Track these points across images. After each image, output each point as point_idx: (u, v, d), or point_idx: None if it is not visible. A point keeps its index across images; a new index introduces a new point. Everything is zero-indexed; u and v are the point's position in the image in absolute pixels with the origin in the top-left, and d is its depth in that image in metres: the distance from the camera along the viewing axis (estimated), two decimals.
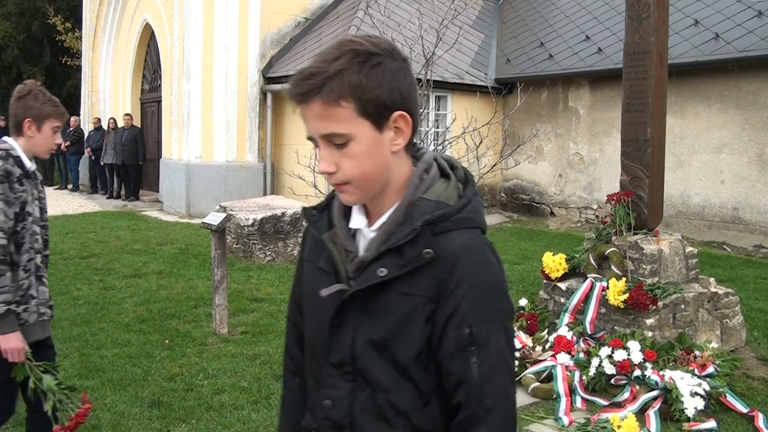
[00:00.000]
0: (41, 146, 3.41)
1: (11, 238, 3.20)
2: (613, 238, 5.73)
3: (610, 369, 4.93)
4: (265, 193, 14.65)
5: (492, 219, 14.92)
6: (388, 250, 1.55)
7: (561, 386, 4.89)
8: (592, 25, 14.57)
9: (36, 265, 3.37)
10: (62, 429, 3.19)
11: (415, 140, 1.72)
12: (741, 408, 4.63)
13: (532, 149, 14.79)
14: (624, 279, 5.37)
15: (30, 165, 3.35)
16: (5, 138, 3.38)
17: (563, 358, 5.20)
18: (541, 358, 5.32)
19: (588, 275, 5.74)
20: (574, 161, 14.23)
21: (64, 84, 27.33)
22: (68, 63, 25.14)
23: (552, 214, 14.68)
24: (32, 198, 3.35)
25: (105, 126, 18.19)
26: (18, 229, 3.24)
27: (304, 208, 1.78)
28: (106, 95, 20.12)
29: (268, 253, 9.36)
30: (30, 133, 3.36)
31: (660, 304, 5.25)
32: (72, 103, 25.73)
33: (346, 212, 1.68)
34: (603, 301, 5.49)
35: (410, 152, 1.70)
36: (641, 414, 4.50)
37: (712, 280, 5.90)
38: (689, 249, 5.82)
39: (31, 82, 3.52)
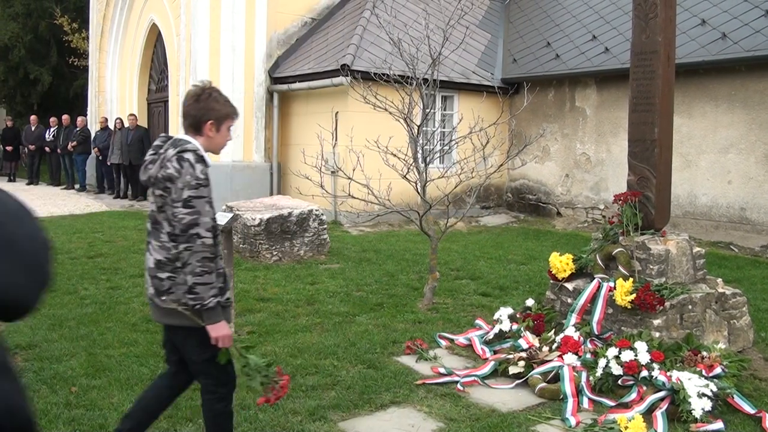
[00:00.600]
0: (217, 145, 3.55)
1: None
2: (620, 238, 5.72)
3: (617, 370, 4.92)
4: (271, 193, 14.67)
5: (498, 219, 14.91)
6: None
7: (568, 387, 4.89)
8: (598, 24, 14.54)
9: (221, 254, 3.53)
10: (266, 400, 3.62)
11: None
12: (748, 409, 4.61)
13: (539, 149, 14.77)
14: (631, 279, 5.35)
15: (210, 163, 3.45)
16: (187, 137, 3.47)
17: (570, 358, 5.19)
18: (548, 358, 5.31)
19: (595, 275, 5.73)
20: (581, 161, 14.20)
21: (71, 84, 27.40)
22: (75, 63, 25.18)
23: (559, 214, 14.66)
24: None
25: (112, 126, 18.22)
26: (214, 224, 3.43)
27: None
28: (113, 95, 20.17)
29: (274, 253, 9.36)
30: (210, 133, 3.48)
31: (667, 304, 5.23)
32: (79, 103, 25.79)
33: None
34: (610, 302, 5.48)
35: None
36: (648, 415, 4.49)
37: (719, 280, 5.89)
38: (696, 249, 5.81)
39: (206, 82, 3.60)
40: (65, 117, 20.19)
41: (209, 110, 3.46)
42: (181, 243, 3.30)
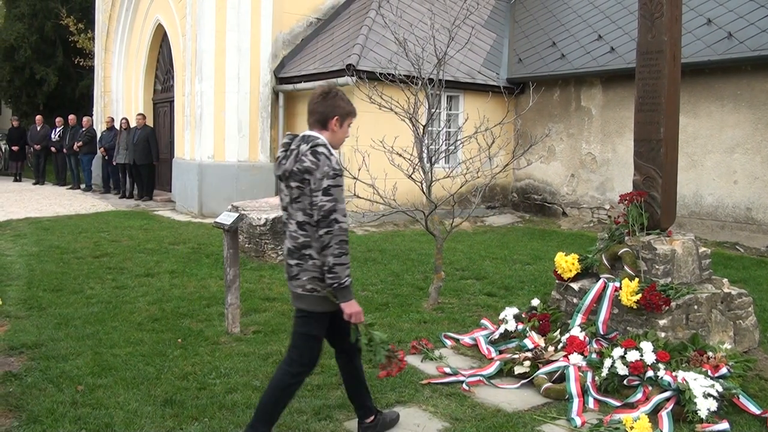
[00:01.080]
0: (339, 140, 3.91)
1: None
2: (626, 238, 5.71)
3: (622, 370, 4.92)
4: (276, 193, 14.67)
5: (504, 219, 14.90)
6: None
7: (573, 387, 4.88)
8: (604, 24, 14.52)
9: None
10: (388, 374, 4.11)
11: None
12: (754, 409, 4.61)
13: (544, 149, 14.76)
14: (637, 279, 5.35)
15: (337, 156, 3.80)
16: (314, 133, 3.83)
17: (576, 358, 5.19)
18: (553, 358, 5.31)
19: (601, 276, 5.72)
20: (587, 161, 14.19)
21: (77, 84, 27.47)
22: (81, 64, 25.26)
23: (564, 214, 14.64)
24: None
25: (117, 126, 18.26)
26: None
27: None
28: (119, 95, 20.22)
29: (280, 253, 9.37)
30: (335, 128, 3.88)
31: (673, 304, 5.23)
32: (85, 103, 25.86)
33: None
34: (616, 302, 5.47)
35: None
36: (654, 415, 4.48)
37: (725, 280, 5.87)
38: (702, 249, 5.80)
39: (330, 83, 4.02)
40: (71, 117, 20.24)
41: (335, 107, 3.86)
42: (321, 228, 3.66)
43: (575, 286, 5.92)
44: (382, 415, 4.31)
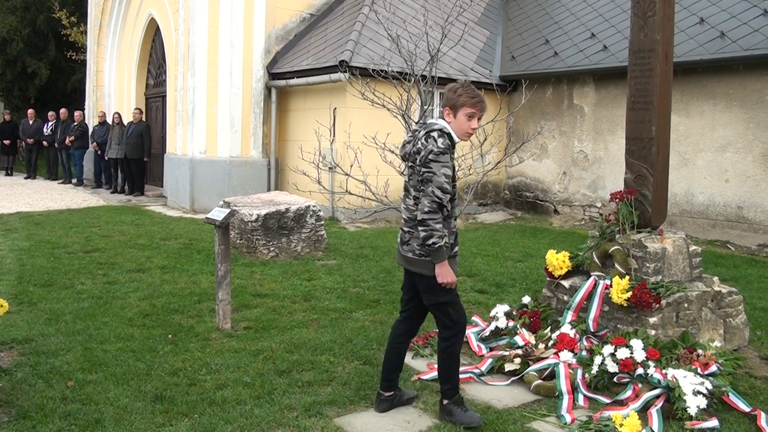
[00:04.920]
0: (458, 129, 4.32)
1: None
2: (617, 236, 5.72)
3: (612, 367, 4.93)
4: (269, 189, 14.67)
5: (496, 216, 14.92)
6: None
7: (563, 384, 4.89)
8: (597, 22, 14.54)
9: (453, 214, 4.39)
10: None
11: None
12: (743, 407, 4.62)
13: (537, 147, 14.78)
14: (627, 277, 5.36)
15: (456, 140, 4.30)
16: (436, 119, 4.38)
17: (566, 355, 5.20)
18: (543, 355, 5.32)
19: (591, 273, 5.74)
20: (579, 159, 14.21)
21: (69, 78, 27.37)
22: (73, 57, 25.17)
23: (556, 211, 14.67)
24: (455, 164, 4.41)
25: (110, 121, 18.20)
26: (452, 188, 4.28)
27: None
28: (111, 90, 20.15)
29: (271, 249, 9.36)
30: (449, 118, 4.34)
31: (663, 302, 5.24)
32: (77, 97, 25.78)
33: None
34: (606, 300, 5.48)
35: None
36: (644, 412, 4.50)
37: (715, 279, 5.89)
38: (693, 248, 5.82)
39: (462, 80, 4.48)
40: (63, 111, 20.16)
41: (445, 99, 4.36)
42: (420, 194, 4.21)
43: (566, 283, 5.93)
44: (400, 392, 4.67)
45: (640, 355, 4.90)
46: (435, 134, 4.22)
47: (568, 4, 16.01)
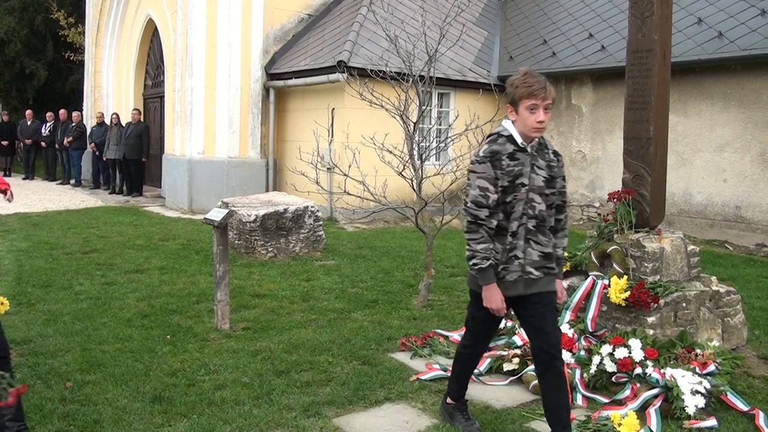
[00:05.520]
0: (524, 126, 3.77)
1: (497, 208, 3.78)
2: (615, 236, 5.72)
3: (611, 367, 4.93)
4: (267, 189, 14.66)
5: None
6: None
7: None
8: (595, 22, 14.55)
9: (526, 230, 3.81)
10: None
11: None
12: (742, 406, 4.63)
13: None
14: (626, 277, 5.36)
15: (521, 141, 3.78)
16: (504, 122, 3.87)
17: (564, 355, 5.19)
18: None
19: (590, 273, 5.74)
20: (577, 159, 14.22)
21: (67, 79, 27.34)
22: (71, 58, 25.14)
23: None
24: (529, 170, 3.79)
25: (108, 121, 18.18)
26: (508, 200, 3.77)
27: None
28: (109, 90, 20.14)
29: (270, 250, 9.36)
30: (512, 117, 3.82)
31: (661, 302, 5.25)
32: (75, 98, 25.75)
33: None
34: (604, 299, 5.48)
35: None
36: (642, 412, 4.50)
37: (713, 278, 5.90)
38: (691, 247, 5.82)
39: (524, 69, 3.86)
40: (62, 111, 20.16)
41: (507, 95, 3.82)
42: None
43: (564, 283, 5.93)
44: (458, 407, 4.38)
45: (638, 354, 4.90)
46: (488, 139, 3.88)
47: (566, 5, 16.03)
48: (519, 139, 3.77)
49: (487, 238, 3.76)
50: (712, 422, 4.41)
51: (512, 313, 4.13)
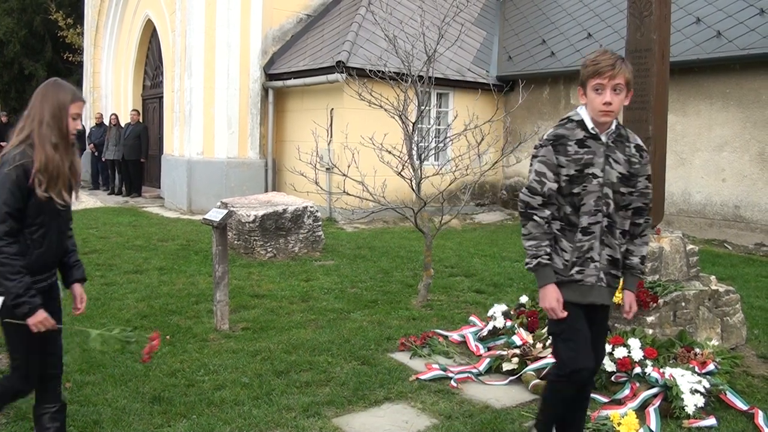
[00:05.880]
0: (592, 110, 3.42)
1: (562, 200, 3.41)
2: None
3: (610, 366, 4.93)
4: (266, 190, 14.66)
5: (493, 216, 14.93)
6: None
7: None
8: (594, 22, 14.55)
9: (601, 229, 3.41)
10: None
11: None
12: (741, 405, 4.63)
13: (534, 147, 14.77)
14: None
15: (592, 127, 3.41)
16: (579, 107, 3.51)
17: None
18: (541, 355, 5.32)
19: None
20: None
21: (66, 80, 27.22)
22: (70, 59, 25.12)
23: None
24: (603, 161, 3.39)
25: (107, 122, 18.18)
26: (575, 191, 3.38)
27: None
28: (108, 91, 20.14)
29: (269, 250, 9.36)
30: (582, 100, 3.47)
31: (661, 301, 5.25)
32: None
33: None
34: None
35: None
36: (641, 411, 4.50)
37: (712, 278, 5.90)
38: (690, 247, 5.82)
39: (600, 48, 3.63)
40: None
41: (580, 76, 3.46)
42: None
43: None
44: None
45: (637, 354, 4.90)
46: (558, 123, 3.56)
47: (565, 5, 16.03)
48: (590, 125, 3.41)
49: (539, 233, 3.39)
50: (711, 421, 4.41)
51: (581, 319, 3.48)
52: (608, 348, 5.01)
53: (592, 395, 4.84)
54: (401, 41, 8.21)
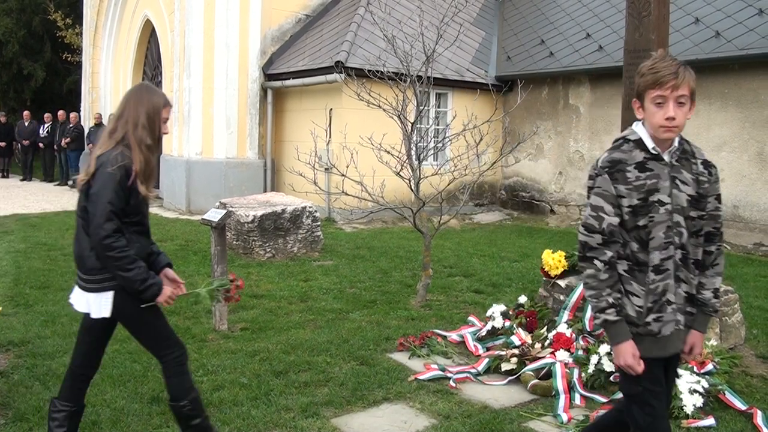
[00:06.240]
0: (651, 126, 2.90)
1: (627, 235, 2.88)
2: None
3: (609, 366, 4.93)
4: (265, 190, 14.65)
5: (492, 216, 14.93)
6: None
7: (560, 383, 4.90)
8: (593, 22, 14.56)
9: (675, 263, 2.87)
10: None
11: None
12: (740, 405, 4.63)
13: (533, 147, 14.79)
14: None
15: (653, 146, 2.88)
16: (635, 124, 3.02)
17: (562, 355, 5.21)
18: (540, 355, 5.33)
19: None
20: (575, 159, 14.22)
21: (65, 80, 27.31)
22: (69, 59, 25.12)
23: (552, 211, 14.68)
24: (669, 184, 2.87)
25: (105, 122, 18.17)
26: (641, 223, 2.85)
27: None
28: (107, 91, 20.11)
29: (267, 250, 9.36)
30: (639, 115, 2.98)
31: None
32: (72, 99, 25.73)
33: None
34: None
35: None
36: None
37: None
38: None
39: (659, 52, 3.00)
40: (60, 113, 20.15)
41: (633, 87, 3.00)
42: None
43: (562, 283, 5.94)
44: None
45: None
46: (609, 148, 3.03)
47: (564, 5, 16.03)
48: (650, 144, 2.89)
49: (600, 280, 2.85)
50: (710, 421, 4.42)
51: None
52: (607, 348, 5.01)
53: (591, 395, 4.86)
54: (400, 41, 8.21)
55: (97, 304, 3.52)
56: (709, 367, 4.85)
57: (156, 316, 3.65)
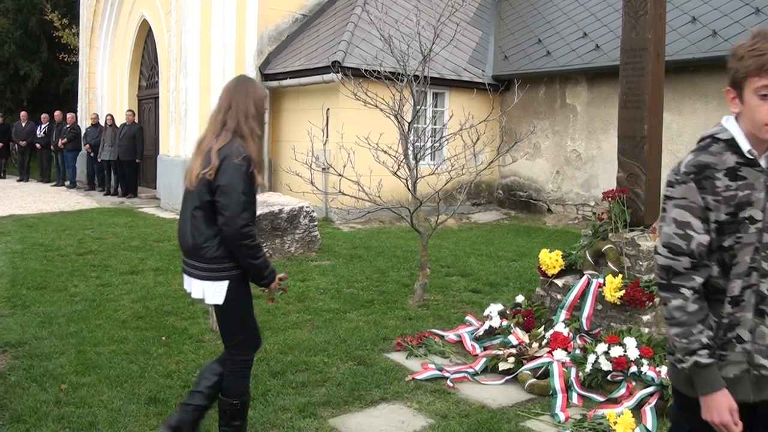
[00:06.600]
0: (750, 121, 2.28)
1: (708, 257, 2.34)
2: (610, 234, 5.74)
3: (606, 365, 4.94)
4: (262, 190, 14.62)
5: (489, 216, 14.93)
6: None
7: (557, 383, 4.90)
8: (589, 22, 14.56)
9: (759, 295, 2.33)
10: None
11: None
12: None
13: (530, 146, 14.80)
14: (620, 275, 5.38)
15: (749, 149, 2.29)
16: (725, 119, 2.38)
17: (560, 354, 5.21)
18: (537, 354, 5.33)
19: (584, 272, 5.75)
20: (572, 158, 14.23)
21: (61, 80, 27.28)
22: (65, 59, 25.10)
23: (549, 210, 14.68)
24: (764, 196, 2.30)
25: (102, 123, 18.16)
26: (725, 244, 2.31)
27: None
28: (104, 91, 20.10)
29: (265, 250, 9.34)
30: (734, 108, 2.33)
31: (656, 300, 5.26)
32: (69, 99, 25.69)
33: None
34: (599, 298, 5.50)
35: None
36: (637, 410, 4.51)
37: None
38: None
39: (756, 30, 2.27)
40: (57, 113, 20.12)
41: (729, 72, 2.33)
42: None
43: (559, 282, 5.94)
44: None
45: (633, 353, 4.91)
46: (696, 147, 2.41)
47: (560, 4, 16.03)
48: (746, 146, 2.29)
49: (696, 311, 2.29)
50: None
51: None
52: (604, 347, 5.02)
53: (589, 394, 4.86)
54: (397, 41, 8.21)
55: (212, 291, 3.61)
56: None
57: (252, 312, 3.80)
